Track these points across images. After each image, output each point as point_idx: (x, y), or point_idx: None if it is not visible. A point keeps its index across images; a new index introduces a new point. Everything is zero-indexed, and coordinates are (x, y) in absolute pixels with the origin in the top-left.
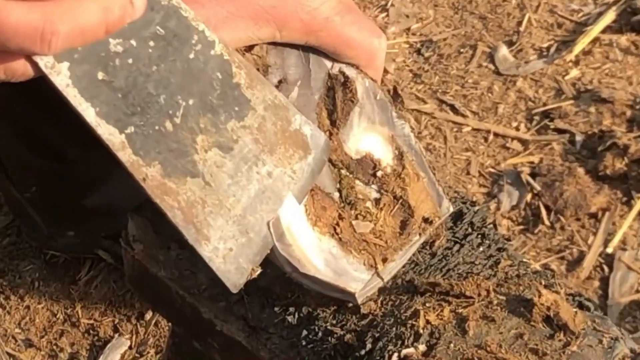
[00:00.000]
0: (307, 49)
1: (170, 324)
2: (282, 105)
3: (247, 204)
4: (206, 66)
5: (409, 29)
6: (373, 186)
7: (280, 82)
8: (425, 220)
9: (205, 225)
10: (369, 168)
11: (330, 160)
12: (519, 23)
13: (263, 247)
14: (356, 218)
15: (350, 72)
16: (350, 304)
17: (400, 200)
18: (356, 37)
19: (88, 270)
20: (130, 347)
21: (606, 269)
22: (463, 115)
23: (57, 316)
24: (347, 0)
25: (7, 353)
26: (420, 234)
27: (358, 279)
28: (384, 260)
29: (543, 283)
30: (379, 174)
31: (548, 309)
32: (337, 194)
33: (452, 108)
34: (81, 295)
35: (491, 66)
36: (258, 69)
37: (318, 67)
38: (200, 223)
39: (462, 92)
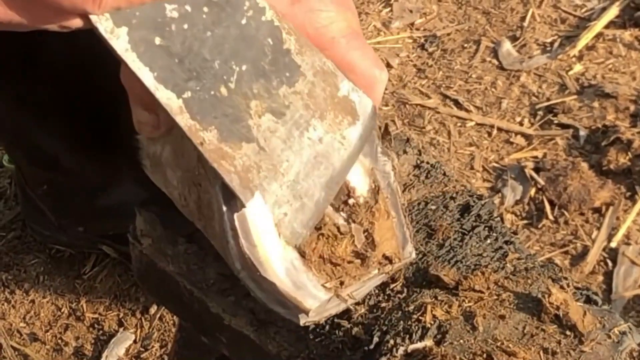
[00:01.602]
0: None
1: (177, 318)
2: (330, 71)
3: (300, 169)
4: (258, 32)
5: (412, 24)
6: (342, 213)
7: None
8: (386, 257)
9: (261, 190)
10: (342, 194)
11: None
12: (523, 18)
13: (317, 212)
14: (318, 239)
15: None
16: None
17: (366, 234)
18: (359, 63)
19: (93, 265)
20: (135, 341)
21: (610, 263)
22: (467, 110)
23: (62, 310)
24: (356, 27)
25: (12, 347)
26: (378, 269)
27: (315, 297)
28: (341, 284)
29: (551, 277)
30: (351, 201)
31: (557, 308)
32: None
33: (456, 103)
34: (86, 289)
35: (495, 61)
36: None
37: None
38: (256, 188)
39: (466, 87)
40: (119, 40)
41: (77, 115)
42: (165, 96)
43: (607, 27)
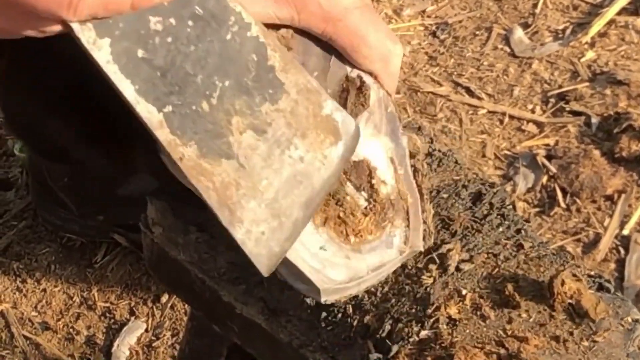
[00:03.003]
0: (331, 49)
1: (188, 306)
2: (314, 89)
3: (279, 187)
4: (242, 48)
5: (424, 11)
6: (363, 193)
7: None
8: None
9: (239, 208)
10: (364, 174)
11: None
12: (535, 5)
13: (294, 231)
14: (338, 217)
15: (367, 79)
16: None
17: (383, 214)
18: (372, 36)
19: (104, 254)
20: (146, 330)
21: (622, 251)
22: (478, 98)
23: (74, 299)
24: (367, 2)
25: (24, 336)
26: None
27: (336, 266)
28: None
29: (564, 265)
30: (373, 182)
31: (571, 297)
32: None
33: (468, 91)
34: (97, 278)
35: (507, 48)
36: None
37: (338, 67)
38: (234, 205)
39: (478, 74)
40: (101, 52)
41: (90, 106)
42: (145, 110)
43: (619, 13)
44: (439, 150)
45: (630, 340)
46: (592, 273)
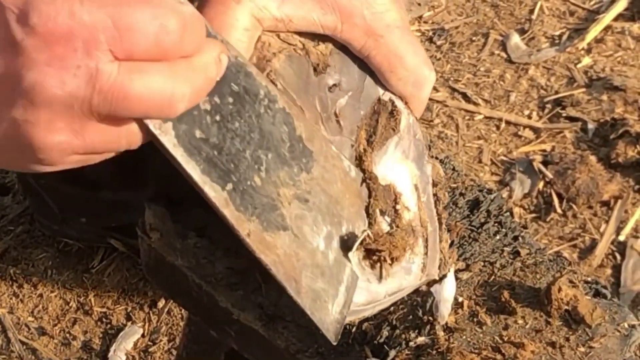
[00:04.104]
0: (366, 68)
1: (186, 312)
2: (336, 155)
3: (329, 256)
4: (274, 120)
5: (421, 17)
6: (387, 217)
7: (334, 85)
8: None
9: (303, 278)
10: (389, 198)
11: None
12: (531, 11)
13: (348, 297)
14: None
15: (399, 103)
16: None
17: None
18: (410, 59)
19: (101, 259)
20: (143, 335)
21: (618, 256)
22: (475, 104)
23: (70, 304)
24: (407, 23)
25: (20, 341)
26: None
27: (357, 295)
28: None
29: (561, 272)
30: (398, 207)
31: (567, 303)
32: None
33: (464, 96)
34: (94, 283)
35: (503, 54)
36: (318, 64)
37: (371, 88)
38: (298, 276)
39: (474, 80)
40: (167, 137)
41: None
42: (211, 190)
43: (615, 19)
44: (437, 157)
45: (627, 346)
46: (589, 279)
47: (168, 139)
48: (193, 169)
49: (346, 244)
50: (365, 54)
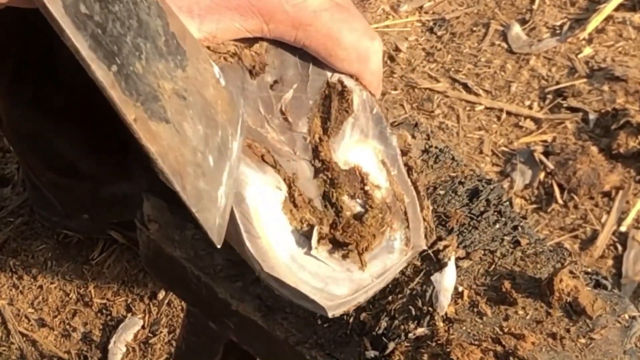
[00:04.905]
0: (308, 56)
1: (185, 304)
2: (207, 59)
3: (208, 158)
4: (150, 11)
5: (421, 7)
6: (358, 200)
7: (275, 82)
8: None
9: (185, 175)
10: (356, 181)
11: (315, 167)
12: (532, 1)
13: (228, 203)
14: (336, 229)
15: (349, 82)
16: None
17: (382, 217)
18: (347, 36)
19: (101, 250)
20: (143, 327)
21: (620, 247)
22: (476, 94)
23: (70, 296)
24: (338, 3)
25: (20, 332)
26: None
27: (339, 282)
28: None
29: (561, 262)
30: (367, 188)
31: (568, 294)
32: (319, 200)
33: (465, 87)
34: (94, 275)
35: (504, 44)
36: (254, 66)
37: (317, 75)
38: (182, 171)
39: (475, 70)
40: (55, 4)
41: (93, 121)
42: (99, 68)
43: (616, 9)
44: (436, 147)
45: (628, 337)
46: (590, 270)
47: (56, 8)
48: (81, 44)
49: (221, 151)
50: (300, 45)
